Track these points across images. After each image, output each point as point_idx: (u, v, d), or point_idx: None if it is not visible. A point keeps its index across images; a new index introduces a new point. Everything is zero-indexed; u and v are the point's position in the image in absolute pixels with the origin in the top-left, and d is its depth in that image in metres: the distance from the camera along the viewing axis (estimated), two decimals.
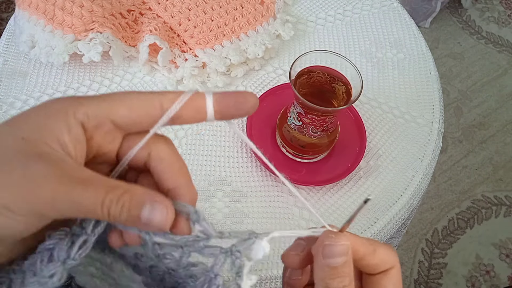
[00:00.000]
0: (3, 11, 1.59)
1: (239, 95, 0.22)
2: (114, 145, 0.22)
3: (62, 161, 0.19)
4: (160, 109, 0.21)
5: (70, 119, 0.20)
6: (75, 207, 0.19)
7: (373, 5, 0.73)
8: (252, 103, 0.23)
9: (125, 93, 0.22)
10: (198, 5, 0.62)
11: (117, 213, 0.19)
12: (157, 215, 0.20)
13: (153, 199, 0.20)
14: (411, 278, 1.17)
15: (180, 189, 0.23)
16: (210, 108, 0.22)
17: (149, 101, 0.21)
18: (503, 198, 1.32)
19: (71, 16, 0.57)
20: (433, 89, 0.63)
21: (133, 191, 0.20)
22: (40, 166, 0.19)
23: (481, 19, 1.74)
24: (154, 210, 0.20)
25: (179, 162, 0.23)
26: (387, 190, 0.54)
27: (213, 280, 0.22)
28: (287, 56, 0.65)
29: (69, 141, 0.20)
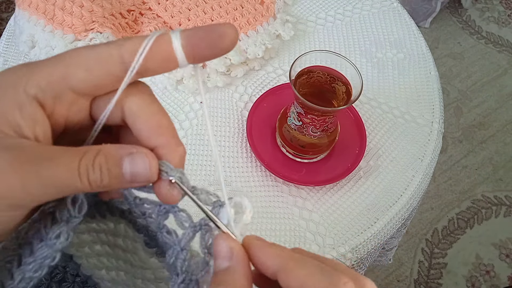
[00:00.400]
0: (3, 11, 1.59)
1: (212, 30, 0.19)
2: (83, 113, 0.20)
3: (18, 146, 0.17)
4: (121, 64, 0.18)
5: (20, 96, 0.17)
6: (50, 186, 0.17)
7: (373, 5, 0.73)
8: (230, 37, 0.19)
9: (78, 52, 0.18)
10: (198, 5, 0.62)
11: (98, 178, 0.18)
12: (139, 166, 0.18)
13: (129, 151, 0.18)
14: (411, 278, 1.17)
15: (161, 149, 0.20)
16: (179, 51, 0.18)
17: (107, 57, 0.18)
18: (503, 198, 1.32)
19: (71, 16, 0.57)
20: (433, 89, 0.63)
21: (106, 150, 0.18)
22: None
23: (481, 19, 1.74)
24: (134, 162, 0.18)
25: (157, 117, 0.20)
26: (387, 190, 0.54)
27: (179, 253, 0.21)
28: (287, 56, 0.65)
29: (23, 121, 0.17)
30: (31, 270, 0.18)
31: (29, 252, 0.19)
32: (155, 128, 0.20)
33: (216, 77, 0.60)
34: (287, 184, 0.53)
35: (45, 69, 0.18)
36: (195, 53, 0.19)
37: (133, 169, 0.18)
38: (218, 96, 0.60)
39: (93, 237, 0.26)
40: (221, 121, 0.58)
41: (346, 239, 0.50)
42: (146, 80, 0.64)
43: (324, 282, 0.19)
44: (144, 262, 0.26)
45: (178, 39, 0.19)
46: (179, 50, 0.19)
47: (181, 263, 0.21)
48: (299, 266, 0.19)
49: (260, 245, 0.21)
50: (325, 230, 0.51)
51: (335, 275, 0.19)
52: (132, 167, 0.18)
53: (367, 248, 0.51)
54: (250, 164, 0.55)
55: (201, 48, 0.19)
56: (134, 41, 0.18)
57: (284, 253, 0.20)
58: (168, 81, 0.59)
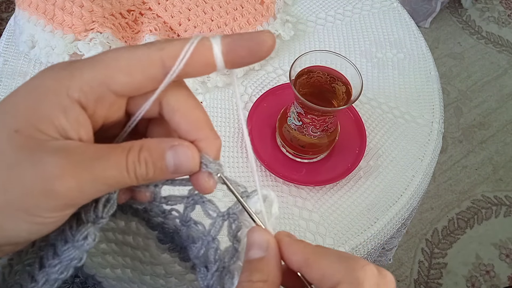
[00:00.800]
0: (3, 11, 1.59)
1: (252, 38, 0.19)
2: (121, 112, 0.20)
3: (66, 148, 0.18)
4: (162, 68, 0.19)
5: (64, 100, 0.18)
6: (102, 184, 0.18)
7: (373, 5, 0.73)
8: (268, 44, 0.19)
9: (118, 54, 0.19)
10: (198, 5, 0.62)
11: (144, 171, 0.19)
12: (181, 157, 0.19)
13: (171, 144, 0.19)
14: (411, 278, 1.17)
15: (199, 142, 0.21)
16: (219, 57, 0.19)
17: (148, 62, 0.19)
18: (503, 198, 1.32)
19: (71, 16, 0.57)
20: (433, 89, 0.63)
21: (148, 144, 0.19)
22: (51, 161, 0.17)
23: (481, 19, 1.74)
24: (177, 154, 0.19)
25: (195, 111, 0.21)
26: (387, 190, 0.54)
27: (210, 243, 0.22)
28: (287, 56, 0.65)
29: (68, 125, 0.18)
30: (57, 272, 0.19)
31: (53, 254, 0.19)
32: (195, 122, 0.20)
33: (216, 77, 0.60)
34: (287, 184, 0.53)
35: (86, 72, 0.18)
36: (234, 59, 0.19)
37: (176, 161, 0.19)
38: (218, 96, 0.60)
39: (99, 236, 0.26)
40: (221, 121, 0.58)
41: (346, 239, 0.50)
42: None
43: (342, 268, 0.20)
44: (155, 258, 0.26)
45: (218, 45, 0.19)
46: (219, 57, 0.19)
47: (214, 252, 0.22)
48: (320, 258, 0.20)
49: (288, 241, 0.21)
50: (325, 230, 0.51)
51: (353, 260, 0.20)
52: (176, 159, 0.19)
53: (367, 248, 0.51)
54: (250, 164, 0.55)
55: (240, 55, 0.19)
56: (175, 45, 0.19)
57: (307, 249, 0.21)
58: None
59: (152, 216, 0.24)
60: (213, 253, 0.22)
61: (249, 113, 0.57)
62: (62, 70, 0.18)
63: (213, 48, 0.19)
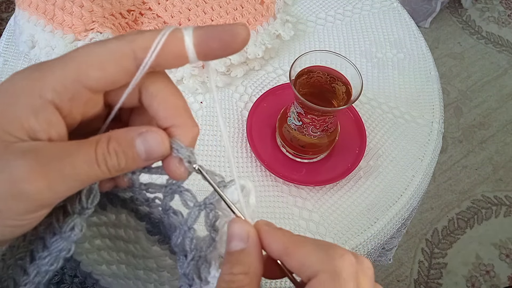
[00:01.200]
0: (3, 11, 1.59)
1: (225, 30, 0.19)
2: (99, 106, 0.20)
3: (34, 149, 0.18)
4: (134, 60, 0.19)
5: (35, 101, 0.18)
6: (73, 181, 0.18)
7: (373, 5, 0.73)
8: (242, 37, 0.19)
9: (89, 50, 0.19)
10: (198, 5, 0.62)
11: (115, 162, 0.19)
12: (151, 142, 0.19)
13: (139, 131, 0.19)
14: (411, 278, 1.17)
15: (176, 128, 0.20)
16: (190, 49, 0.19)
17: (120, 53, 0.18)
18: (503, 198, 1.32)
19: (71, 16, 0.57)
20: (433, 89, 0.63)
21: (116, 135, 0.19)
22: (18, 164, 0.17)
23: (481, 19, 1.74)
24: (146, 140, 0.19)
25: (174, 97, 0.20)
26: (387, 190, 0.54)
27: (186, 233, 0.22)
28: (287, 56, 0.65)
29: (38, 126, 0.18)
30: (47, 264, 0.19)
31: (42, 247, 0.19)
32: (172, 108, 0.20)
33: (216, 77, 0.59)
34: (287, 184, 0.53)
35: (58, 71, 0.18)
36: (206, 51, 0.19)
37: (147, 147, 0.19)
38: (218, 96, 0.60)
39: (93, 231, 0.27)
40: (219, 120, 0.58)
41: (346, 239, 0.50)
42: None
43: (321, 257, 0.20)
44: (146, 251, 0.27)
45: (190, 37, 0.19)
46: (190, 48, 0.19)
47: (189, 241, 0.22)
48: (299, 247, 0.20)
49: (268, 230, 0.21)
50: (325, 230, 0.51)
51: (332, 249, 0.20)
52: (146, 145, 0.19)
53: (367, 248, 0.51)
54: (250, 164, 0.55)
55: (212, 47, 0.19)
56: (146, 37, 0.19)
57: (286, 237, 0.21)
58: None
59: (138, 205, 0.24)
60: (189, 242, 0.22)
61: (249, 113, 0.57)
62: (34, 72, 0.18)
63: (184, 39, 0.19)
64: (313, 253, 0.20)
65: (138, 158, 0.19)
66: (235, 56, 0.59)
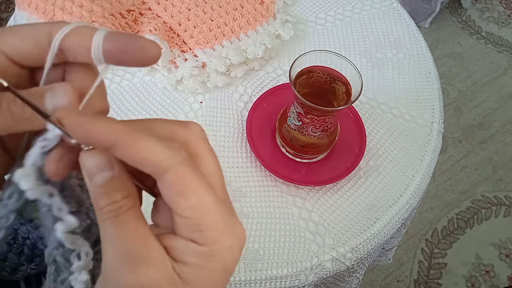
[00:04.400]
0: (3, 11, 1.59)
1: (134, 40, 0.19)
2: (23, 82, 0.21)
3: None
4: (48, 37, 0.19)
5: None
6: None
7: (373, 5, 0.73)
8: (150, 53, 0.19)
9: (15, 25, 0.20)
10: (198, 5, 0.62)
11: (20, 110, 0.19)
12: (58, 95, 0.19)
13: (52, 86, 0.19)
14: (411, 278, 1.17)
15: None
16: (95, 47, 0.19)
17: (39, 29, 0.20)
18: (503, 198, 1.32)
19: (71, 16, 0.57)
20: (433, 89, 0.63)
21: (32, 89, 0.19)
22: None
23: (481, 19, 1.74)
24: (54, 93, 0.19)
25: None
26: (387, 190, 0.54)
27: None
28: (287, 56, 0.65)
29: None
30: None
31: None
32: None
33: (216, 77, 0.59)
34: (287, 184, 0.53)
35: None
36: (113, 56, 0.19)
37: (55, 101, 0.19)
38: (218, 96, 0.60)
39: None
40: (221, 121, 0.58)
41: (346, 239, 0.50)
42: (146, 78, 0.64)
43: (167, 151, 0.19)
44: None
45: (101, 36, 0.19)
46: (95, 46, 0.19)
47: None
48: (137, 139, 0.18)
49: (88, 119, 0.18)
50: (325, 230, 0.51)
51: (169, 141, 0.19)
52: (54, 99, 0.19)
53: (367, 248, 0.51)
54: (250, 164, 0.55)
55: (120, 55, 0.19)
56: (64, 24, 0.20)
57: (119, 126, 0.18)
58: (168, 81, 0.59)
59: None
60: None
61: (249, 113, 0.57)
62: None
63: (94, 35, 0.19)
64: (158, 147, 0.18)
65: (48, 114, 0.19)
66: (235, 56, 0.59)
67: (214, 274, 0.20)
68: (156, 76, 0.61)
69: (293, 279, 0.48)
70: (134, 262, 0.18)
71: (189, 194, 0.19)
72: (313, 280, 0.49)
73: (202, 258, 0.19)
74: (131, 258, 0.18)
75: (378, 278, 1.16)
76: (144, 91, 0.60)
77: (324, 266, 0.49)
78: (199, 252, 0.19)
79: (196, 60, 0.59)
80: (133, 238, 0.19)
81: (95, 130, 0.18)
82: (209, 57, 0.59)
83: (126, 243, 0.19)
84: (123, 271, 0.18)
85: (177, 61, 0.59)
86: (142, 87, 0.60)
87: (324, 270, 0.49)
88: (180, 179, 0.19)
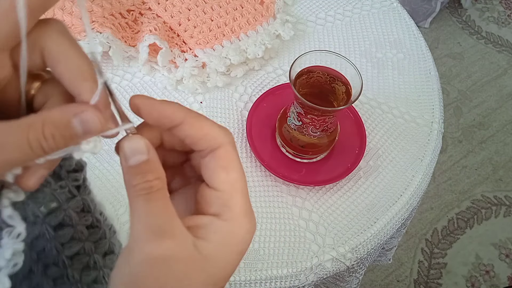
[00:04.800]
0: None
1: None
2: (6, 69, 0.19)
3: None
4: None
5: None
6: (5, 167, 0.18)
7: (373, 5, 0.73)
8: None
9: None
10: (198, 5, 0.62)
11: (53, 145, 0.18)
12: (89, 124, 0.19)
13: (74, 111, 0.19)
14: (411, 278, 1.17)
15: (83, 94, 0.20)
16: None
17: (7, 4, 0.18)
18: (503, 198, 1.32)
19: (71, 16, 0.57)
20: (433, 89, 0.63)
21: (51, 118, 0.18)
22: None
23: (481, 19, 1.74)
24: (83, 122, 0.19)
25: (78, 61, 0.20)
26: (387, 190, 0.54)
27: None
28: (287, 56, 0.65)
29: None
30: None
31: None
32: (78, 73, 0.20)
33: (216, 77, 0.59)
34: (287, 184, 0.53)
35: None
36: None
37: (85, 128, 0.19)
38: (218, 96, 0.60)
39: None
40: (221, 121, 0.58)
41: (346, 239, 0.50)
42: (146, 78, 0.64)
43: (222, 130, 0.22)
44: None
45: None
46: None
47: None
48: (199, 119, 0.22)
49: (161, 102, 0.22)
50: (325, 230, 0.51)
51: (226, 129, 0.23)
52: (83, 126, 0.19)
53: (367, 248, 0.51)
54: (250, 164, 0.55)
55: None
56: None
57: (185, 108, 0.22)
58: (168, 81, 0.59)
59: None
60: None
61: (249, 113, 0.57)
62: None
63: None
64: (215, 126, 0.22)
65: (75, 136, 0.19)
66: (235, 56, 0.59)
67: (230, 255, 0.22)
68: (156, 76, 0.61)
69: (293, 279, 0.48)
70: (160, 234, 0.20)
71: (230, 170, 0.22)
72: (313, 280, 0.49)
73: (223, 236, 0.21)
74: (158, 231, 0.20)
75: (378, 278, 1.16)
76: (144, 91, 0.60)
77: (324, 266, 0.49)
78: (222, 229, 0.22)
79: (196, 60, 0.59)
80: (161, 214, 0.21)
81: (167, 110, 0.21)
82: (209, 57, 0.59)
83: (155, 217, 0.20)
84: (150, 242, 0.20)
85: (177, 61, 0.59)
86: (142, 87, 0.60)
87: (324, 270, 0.49)
88: (228, 155, 0.22)
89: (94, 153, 0.21)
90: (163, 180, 0.21)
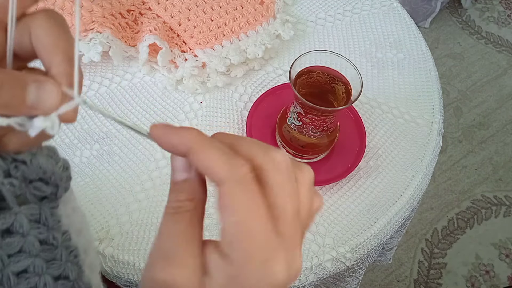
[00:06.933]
0: None
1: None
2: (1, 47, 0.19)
3: None
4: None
5: None
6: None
7: (373, 5, 0.73)
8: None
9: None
10: (198, 5, 0.62)
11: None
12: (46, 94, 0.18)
13: (37, 77, 0.18)
14: (411, 278, 1.17)
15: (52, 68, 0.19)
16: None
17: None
18: (503, 198, 1.32)
19: (71, 16, 0.57)
20: (433, 89, 0.63)
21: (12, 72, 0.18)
22: None
23: (480, 19, 1.74)
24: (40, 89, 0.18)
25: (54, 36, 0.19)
26: (387, 190, 0.54)
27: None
28: (287, 56, 0.65)
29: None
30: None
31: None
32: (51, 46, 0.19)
33: (216, 77, 0.59)
34: None
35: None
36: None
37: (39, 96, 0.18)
38: (218, 96, 0.60)
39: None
40: (221, 121, 0.58)
41: (346, 239, 0.50)
42: (146, 78, 0.64)
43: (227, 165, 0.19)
44: None
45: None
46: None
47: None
48: (205, 149, 0.20)
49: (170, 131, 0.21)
50: (325, 230, 0.51)
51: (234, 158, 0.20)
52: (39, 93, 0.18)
53: (367, 248, 0.51)
54: None
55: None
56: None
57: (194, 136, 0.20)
58: (168, 81, 0.59)
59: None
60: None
61: (249, 113, 0.57)
62: None
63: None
64: (221, 159, 0.19)
65: (23, 102, 0.18)
66: (235, 56, 0.59)
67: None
68: (156, 76, 0.61)
69: None
70: (168, 259, 0.19)
71: (231, 211, 0.19)
72: (313, 280, 0.49)
73: (228, 280, 0.20)
74: (167, 255, 0.20)
75: (378, 278, 1.16)
76: (144, 91, 0.60)
77: (324, 266, 0.49)
78: (227, 272, 0.20)
79: (196, 60, 0.59)
80: (177, 238, 0.20)
81: (174, 139, 0.20)
82: (209, 57, 0.59)
83: (172, 239, 0.20)
84: (156, 263, 0.20)
85: (177, 61, 0.59)
86: (142, 87, 0.60)
87: (324, 270, 0.49)
88: (228, 195, 0.19)
89: (51, 134, 0.19)
90: (197, 202, 0.21)
